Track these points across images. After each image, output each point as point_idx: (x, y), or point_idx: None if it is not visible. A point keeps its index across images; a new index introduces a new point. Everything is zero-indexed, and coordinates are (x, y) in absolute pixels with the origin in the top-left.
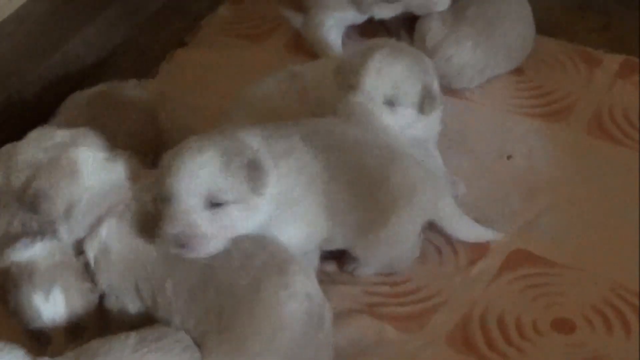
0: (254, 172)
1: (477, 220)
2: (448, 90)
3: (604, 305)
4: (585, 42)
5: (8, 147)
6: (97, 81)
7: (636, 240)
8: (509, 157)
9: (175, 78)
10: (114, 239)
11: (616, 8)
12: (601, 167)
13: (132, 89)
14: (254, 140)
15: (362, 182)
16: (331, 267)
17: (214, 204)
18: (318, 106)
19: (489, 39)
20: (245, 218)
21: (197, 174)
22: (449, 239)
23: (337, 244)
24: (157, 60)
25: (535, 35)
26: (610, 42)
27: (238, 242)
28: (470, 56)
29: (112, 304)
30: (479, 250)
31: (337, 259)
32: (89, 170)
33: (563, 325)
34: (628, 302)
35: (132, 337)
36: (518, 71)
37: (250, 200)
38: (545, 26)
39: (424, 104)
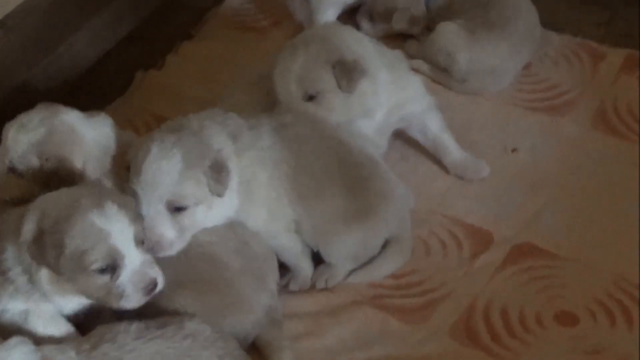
0: (215, 174)
1: (481, 212)
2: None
3: (606, 298)
4: (590, 36)
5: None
6: (102, 73)
7: (638, 233)
8: (513, 150)
9: (181, 70)
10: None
11: (620, 3)
12: (605, 160)
13: None
14: (217, 139)
15: (340, 177)
16: None
17: (177, 208)
18: None
19: (516, 37)
20: (208, 216)
21: (158, 181)
22: (453, 233)
23: (307, 235)
24: (162, 52)
25: (540, 29)
26: (615, 37)
27: (234, 226)
28: (508, 60)
29: None
30: (483, 243)
31: None
32: (83, 127)
33: (566, 318)
34: (630, 294)
35: (135, 325)
36: (524, 65)
37: (212, 200)
38: (550, 20)
39: (340, 81)
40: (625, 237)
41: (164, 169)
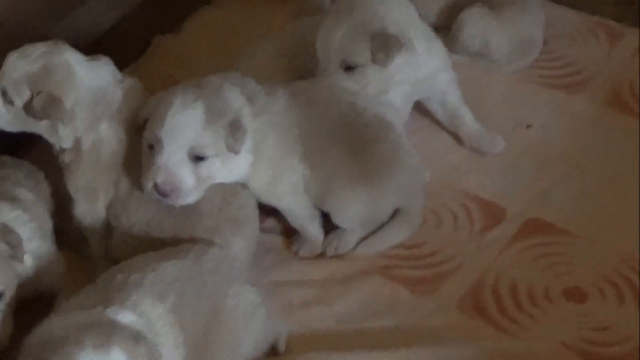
0: (234, 131)
1: (493, 187)
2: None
3: (615, 275)
4: (608, 15)
5: None
6: (119, 36)
7: None
8: (528, 127)
9: (198, 36)
10: (109, 135)
11: None
12: (618, 139)
13: None
14: (237, 99)
15: (347, 139)
16: None
17: (197, 158)
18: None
19: (532, 6)
20: (225, 171)
21: (182, 129)
22: (465, 205)
23: (315, 194)
24: (180, 17)
25: (558, 6)
26: (633, 16)
27: (224, 186)
28: (536, 28)
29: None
30: (494, 217)
31: None
32: (81, 70)
33: (574, 294)
34: (639, 272)
35: (152, 253)
36: None
37: (228, 156)
38: None
39: (376, 54)
40: (634, 215)
41: (187, 118)
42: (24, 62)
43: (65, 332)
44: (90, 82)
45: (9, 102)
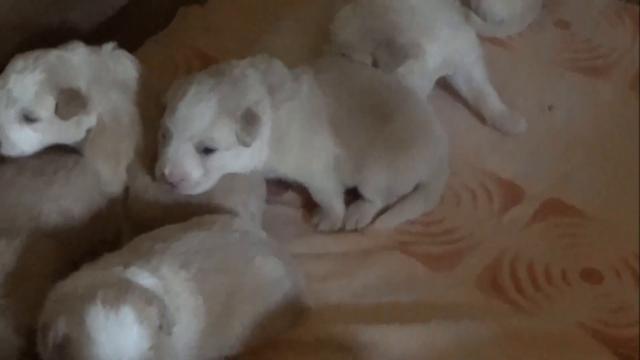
0: (246, 124)
1: (514, 167)
2: (491, 38)
3: (632, 258)
4: (634, 0)
5: None
6: (144, 7)
7: None
8: (550, 108)
9: (224, 7)
10: (122, 100)
11: None
12: None
13: None
14: (255, 91)
15: (373, 111)
16: None
17: (206, 149)
18: None
19: None
20: (235, 162)
21: (191, 121)
22: (484, 185)
23: (347, 168)
24: None
25: None
26: None
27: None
28: None
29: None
30: (514, 197)
31: None
32: (70, 56)
33: (591, 276)
34: None
35: (178, 224)
36: (564, 24)
37: (240, 148)
38: None
39: (381, 62)
40: None
41: (199, 111)
42: (30, 74)
43: (83, 289)
44: (80, 62)
45: (33, 120)
